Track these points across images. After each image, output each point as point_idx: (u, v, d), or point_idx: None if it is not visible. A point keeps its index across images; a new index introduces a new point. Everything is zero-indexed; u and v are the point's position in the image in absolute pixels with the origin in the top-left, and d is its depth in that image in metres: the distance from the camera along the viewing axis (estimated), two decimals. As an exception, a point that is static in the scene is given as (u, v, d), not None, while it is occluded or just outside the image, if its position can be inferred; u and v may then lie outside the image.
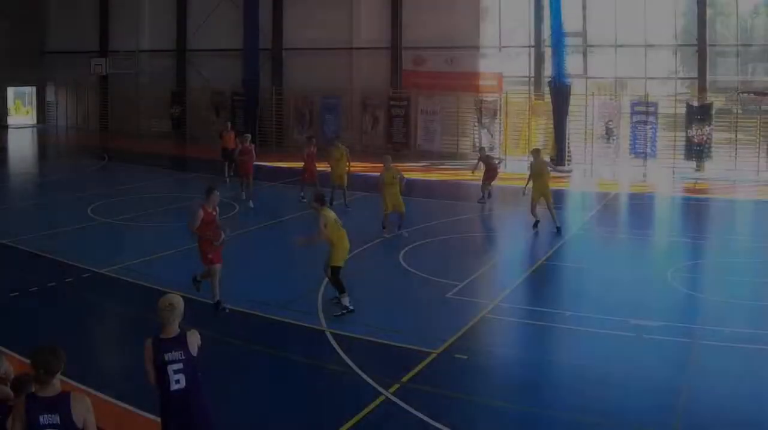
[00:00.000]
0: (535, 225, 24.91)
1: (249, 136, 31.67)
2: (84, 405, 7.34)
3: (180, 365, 8.70)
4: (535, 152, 26.31)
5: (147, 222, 26.40)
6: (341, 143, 30.29)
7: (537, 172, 25.17)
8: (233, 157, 33.42)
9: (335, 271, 16.62)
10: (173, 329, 8.83)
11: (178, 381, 8.69)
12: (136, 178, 36.83)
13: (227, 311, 16.38)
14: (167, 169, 40.97)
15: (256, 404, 12.18)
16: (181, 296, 9.22)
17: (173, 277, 18.69)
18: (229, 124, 38.69)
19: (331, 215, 16.75)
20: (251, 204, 28.69)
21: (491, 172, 30.42)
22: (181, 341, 8.78)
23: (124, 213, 27.35)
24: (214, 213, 16.87)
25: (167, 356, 8.68)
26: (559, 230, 24.37)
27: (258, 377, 13.43)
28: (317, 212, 16.65)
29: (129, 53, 56.06)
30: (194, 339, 8.86)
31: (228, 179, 33.76)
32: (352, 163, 29.59)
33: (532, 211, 24.89)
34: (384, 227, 23.94)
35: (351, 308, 16.37)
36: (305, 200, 27.60)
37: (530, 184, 25.23)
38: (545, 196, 24.75)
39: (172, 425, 8.89)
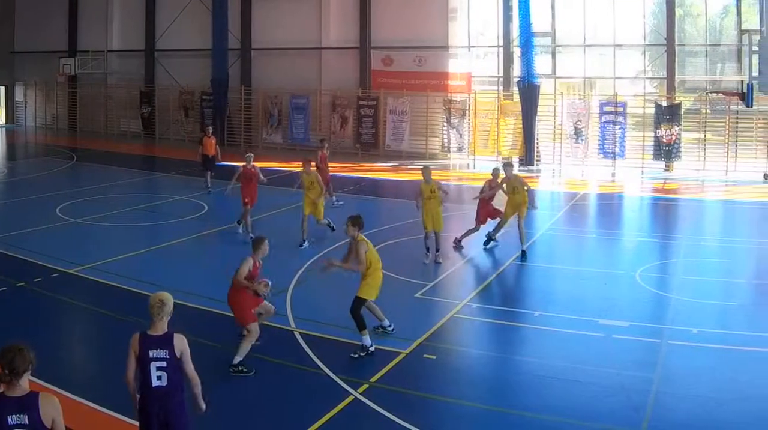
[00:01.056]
0: (487, 242, 22.20)
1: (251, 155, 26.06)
2: (52, 405, 7.17)
3: (163, 364, 8.60)
4: (508, 167, 22.67)
5: (116, 222, 25.77)
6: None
7: (511, 189, 21.93)
8: (214, 165, 32.05)
9: (359, 303, 14.28)
10: (161, 327, 8.72)
11: (159, 378, 8.60)
12: (105, 178, 35.86)
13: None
14: (136, 169, 39.69)
15: (225, 405, 11.83)
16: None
17: (142, 276, 18.57)
18: (210, 128, 34.78)
19: (370, 243, 14.54)
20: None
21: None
22: (167, 341, 8.67)
23: (92, 213, 26.72)
24: (259, 265, 13.95)
25: (152, 353, 8.60)
26: (524, 254, 21.12)
27: (227, 377, 13.01)
28: (355, 239, 14.36)
29: (98, 53, 54.69)
30: (180, 343, 8.72)
31: (210, 189, 31.22)
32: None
33: (496, 230, 22.20)
34: (427, 250, 20.90)
35: (371, 349, 14.05)
36: (341, 202, 27.71)
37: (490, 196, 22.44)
38: (519, 213, 21.67)
39: (149, 421, 8.74)
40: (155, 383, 8.61)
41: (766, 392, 12.39)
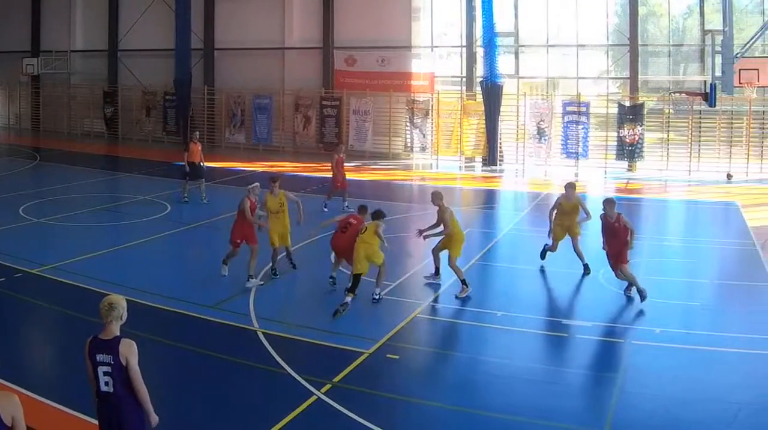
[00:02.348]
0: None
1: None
2: (12, 403, 7.06)
3: (108, 369, 8.19)
4: (569, 187, 19.70)
5: (79, 222, 24.82)
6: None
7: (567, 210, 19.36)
8: (203, 172, 29.01)
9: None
10: (111, 331, 8.32)
11: (107, 383, 8.21)
12: (68, 178, 34.57)
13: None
14: (99, 169, 38.07)
15: (187, 405, 11.60)
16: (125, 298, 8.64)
17: (105, 276, 18.06)
18: (197, 133, 31.47)
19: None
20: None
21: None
22: (112, 346, 8.23)
23: (55, 213, 25.98)
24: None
25: (99, 357, 8.24)
26: (587, 268, 18.94)
27: (190, 377, 12.82)
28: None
29: (61, 53, 52.64)
30: (126, 349, 8.22)
31: (187, 198, 28.23)
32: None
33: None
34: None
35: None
36: (326, 210, 26.19)
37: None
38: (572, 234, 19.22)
39: (102, 425, 8.45)
40: (103, 388, 8.24)
41: (728, 391, 12.11)
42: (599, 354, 14.16)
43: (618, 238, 16.68)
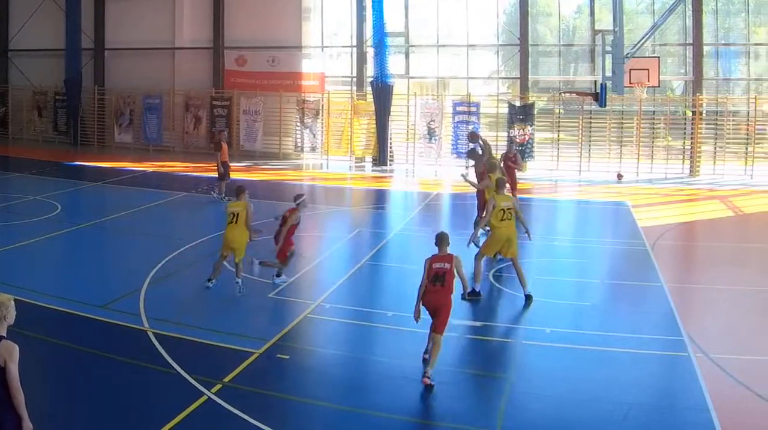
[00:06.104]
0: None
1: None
2: (6, 349, 7.09)
3: None
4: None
5: None
6: None
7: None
8: (228, 172, 26.49)
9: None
10: None
11: None
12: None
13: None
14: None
15: (76, 406, 10.59)
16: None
17: None
18: (224, 133, 28.28)
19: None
20: None
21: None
22: None
23: None
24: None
25: None
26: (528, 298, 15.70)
27: (78, 378, 11.60)
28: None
29: (-50, 53, 46.83)
30: (6, 352, 7.19)
31: (223, 197, 25.78)
32: None
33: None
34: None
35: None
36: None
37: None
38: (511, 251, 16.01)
39: None
40: None
41: (618, 391, 11.27)
42: (490, 354, 13.24)
43: None
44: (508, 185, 17.40)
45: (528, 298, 15.40)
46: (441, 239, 12.42)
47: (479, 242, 17.30)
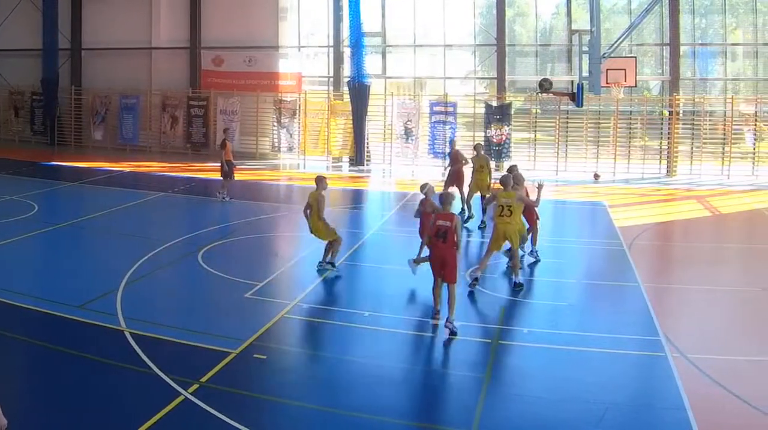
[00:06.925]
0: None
1: None
2: None
3: None
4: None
5: None
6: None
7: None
8: (232, 171, 26.34)
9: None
10: None
11: None
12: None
13: None
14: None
15: (51, 407, 10.30)
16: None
17: None
18: (229, 131, 28.44)
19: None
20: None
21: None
22: None
23: None
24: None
25: None
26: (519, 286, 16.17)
27: (54, 378, 11.29)
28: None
29: (-74, 53, 45.73)
30: None
31: (227, 197, 26.08)
32: None
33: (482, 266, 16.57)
34: None
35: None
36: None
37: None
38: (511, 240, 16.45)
39: None
40: None
41: (595, 391, 11.04)
42: (467, 354, 12.78)
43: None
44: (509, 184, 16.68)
45: (517, 286, 15.84)
46: (446, 199, 13.34)
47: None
